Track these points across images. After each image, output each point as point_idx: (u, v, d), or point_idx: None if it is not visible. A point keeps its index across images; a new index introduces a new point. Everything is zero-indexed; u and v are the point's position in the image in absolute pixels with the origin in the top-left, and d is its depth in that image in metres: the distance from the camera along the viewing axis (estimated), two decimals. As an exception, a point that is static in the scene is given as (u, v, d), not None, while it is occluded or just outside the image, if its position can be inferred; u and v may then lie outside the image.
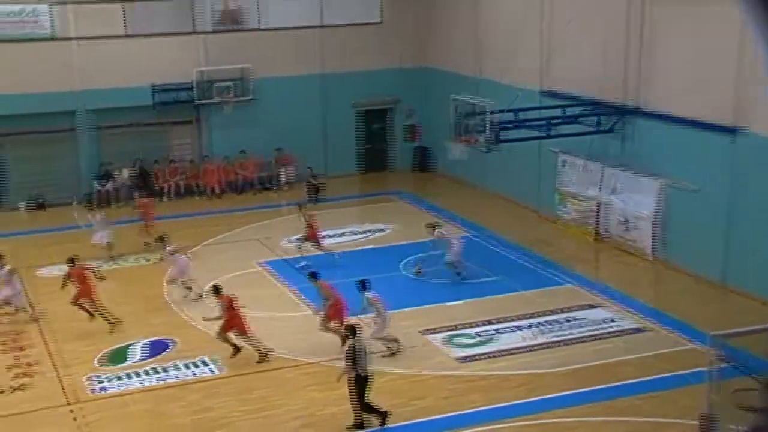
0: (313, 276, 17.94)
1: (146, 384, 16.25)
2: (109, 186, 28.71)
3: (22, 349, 17.95)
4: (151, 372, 16.71)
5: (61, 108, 27.85)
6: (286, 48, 30.22)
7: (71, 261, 19.18)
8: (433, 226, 21.60)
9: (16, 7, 27.29)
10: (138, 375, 16.58)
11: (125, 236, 23.99)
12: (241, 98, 29.56)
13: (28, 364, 17.16)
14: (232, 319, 16.93)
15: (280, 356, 17.08)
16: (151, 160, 29.31)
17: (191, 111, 29.65)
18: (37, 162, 28.17)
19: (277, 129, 30.17)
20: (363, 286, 16.98)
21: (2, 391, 16.09)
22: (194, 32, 29.34)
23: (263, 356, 16.98)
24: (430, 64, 31.48)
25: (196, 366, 16.89)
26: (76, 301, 18.81)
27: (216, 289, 17.35)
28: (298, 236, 23.00)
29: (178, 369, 16.78)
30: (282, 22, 30.15)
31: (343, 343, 15.66)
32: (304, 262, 21.85)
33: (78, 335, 18.31)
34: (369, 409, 14.39)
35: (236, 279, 21.12)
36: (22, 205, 27.88)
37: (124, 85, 28.07)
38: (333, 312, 17.33)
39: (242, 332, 17.02)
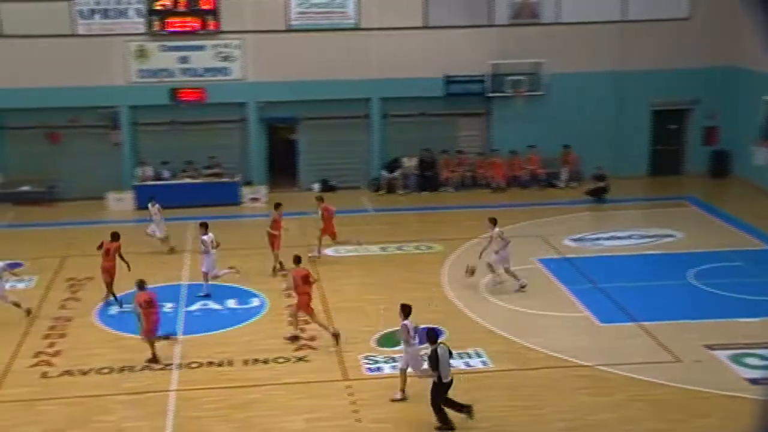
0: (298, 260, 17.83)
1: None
2: (395, 174, 29.50)
3: (306, 322, 18.78)
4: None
5: (357, 95, 28.99)
6: (583, 43, 29.42)
7: (115, 235, 19.71)
8: (495, 221, 20.09)
9: (325, -2, 28.79)
10: (409, 359, 16.78)
11: (405, 225, 24.48)
12: (533, 93, 29.21)
13: (311, 338, 17.91)
14: (147, 318, 16.66)
15: (552, 356, 16.59)
16: (438, 150, 29.75)
17: (481, 103, 29.73)
18: (329, 146, 29.52)
19: (566, 126, 29.49)
20: (406, 312, 15.24)
21: (288, 360, 16.94)
22: (489, 25, 29.37)
23: (154, 360, 16.67)
24: (739, 64, 29.25)
25: (468, 356, 16.82)
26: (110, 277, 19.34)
27: (140, 285, 17.01)
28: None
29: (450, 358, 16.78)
30: (580, 16, 29.37)
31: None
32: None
33: (357, 314, 18.89)
34: (454, 405, 14.19)
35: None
36: (315, 186, 29.32)
37: (417, 76, 28.68)
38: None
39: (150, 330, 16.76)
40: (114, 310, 19.35)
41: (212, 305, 19.78)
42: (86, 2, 27.77)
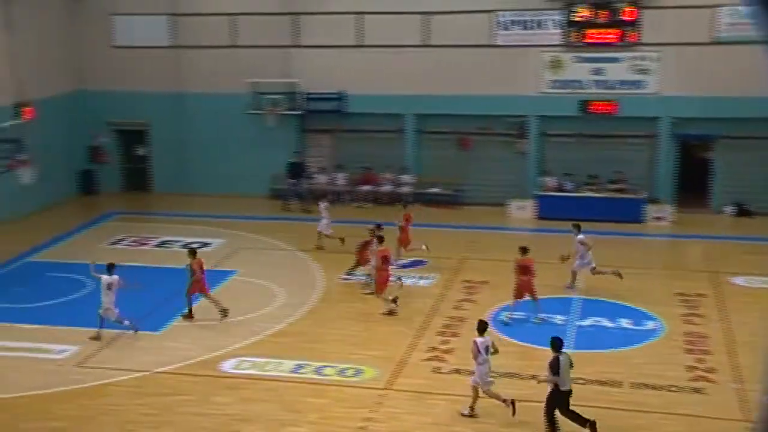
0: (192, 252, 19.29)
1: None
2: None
3: (705, 353, 17.40)
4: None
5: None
6: None
7: (524, 250, 18.93)
8: (578, 227, 20.15)
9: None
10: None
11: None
12: None
13: (708, 370, 16.55)
14: (197, 282, 19.15)
15: None
16: None
17: None
18: (747, 167, 27.28)
19: None
20: (481, 328, 15.04)
21: (682, 389, 15.80)
22: None
23: (224, 313, 19.11)
24: None
25: None
26: (525, 293, 18.92)
27: (192, 252, 19.19)
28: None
29: None
30: None
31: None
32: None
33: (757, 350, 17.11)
34: (577, 418, 13.89)
35: None
36: (728, 209, 27.30)
37: None
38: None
39: (204, 293, 19.32)
40: (505, 316, 19.29)
41: (605, 323, 19.07)
42: (507, 14, 28.41)
